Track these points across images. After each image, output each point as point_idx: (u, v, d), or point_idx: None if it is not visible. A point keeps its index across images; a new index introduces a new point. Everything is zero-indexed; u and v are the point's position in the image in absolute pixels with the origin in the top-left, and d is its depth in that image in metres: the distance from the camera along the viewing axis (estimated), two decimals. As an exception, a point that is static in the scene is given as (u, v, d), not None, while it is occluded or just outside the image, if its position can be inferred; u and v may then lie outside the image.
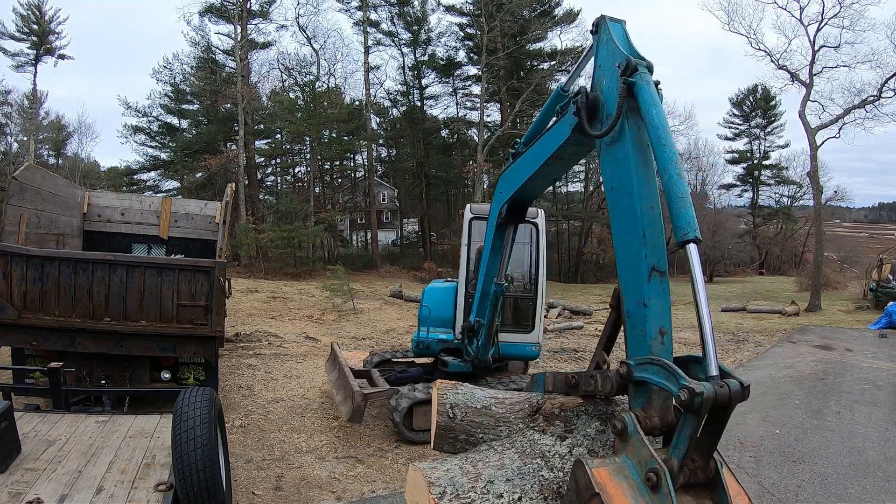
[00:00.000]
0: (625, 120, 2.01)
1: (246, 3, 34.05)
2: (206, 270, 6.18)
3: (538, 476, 1.76)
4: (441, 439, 2.29)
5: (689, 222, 1.82)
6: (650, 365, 1.78)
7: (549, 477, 1.77)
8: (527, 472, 1.78)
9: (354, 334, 13.63)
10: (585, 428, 1.99)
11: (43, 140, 38.84)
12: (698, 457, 1.64)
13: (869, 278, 22.70)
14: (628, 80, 1.97)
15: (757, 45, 24.12)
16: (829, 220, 49.44)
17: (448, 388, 2.36)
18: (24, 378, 6.07)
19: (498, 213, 4.18)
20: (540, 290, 7.20)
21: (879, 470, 5.84)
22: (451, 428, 2.26)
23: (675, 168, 1.85)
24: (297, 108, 32.73)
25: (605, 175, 2.20)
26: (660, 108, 1.91)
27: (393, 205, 49.60)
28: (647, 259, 1.96)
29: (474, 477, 1.73)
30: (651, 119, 1.89)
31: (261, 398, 7.77)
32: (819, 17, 21.99)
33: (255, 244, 29.32)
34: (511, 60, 35.94)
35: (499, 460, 1.84)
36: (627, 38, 2.16)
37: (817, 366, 10.84)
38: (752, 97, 51.59)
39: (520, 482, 1.73)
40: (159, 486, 3.29)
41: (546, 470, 1.78)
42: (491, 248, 4.60)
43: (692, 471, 1.63)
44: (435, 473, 1.72)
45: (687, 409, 1.56)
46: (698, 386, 1.55)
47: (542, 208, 7.60)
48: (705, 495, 1.64)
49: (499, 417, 2.22)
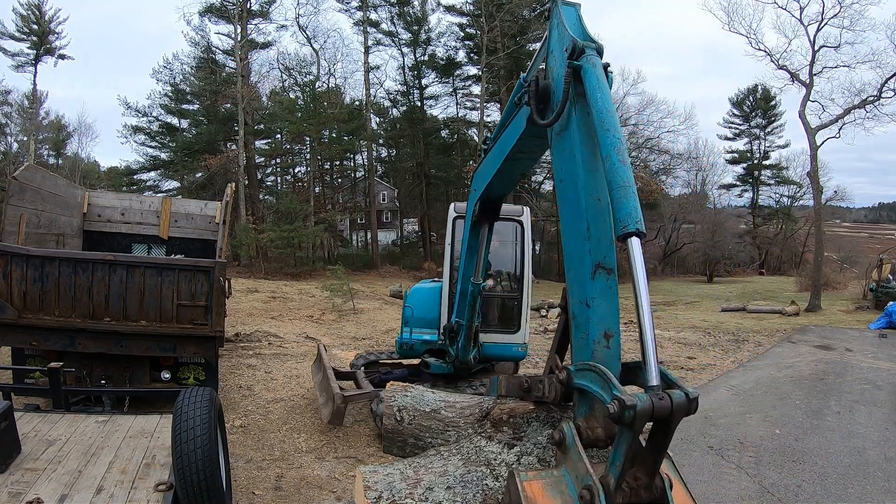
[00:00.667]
0: (572, 106, 1.91)
1: (246, 3, 34.06)
2: (206, 270, 6.18)
3: (482, 485, 1.65)
4: (390, 442, 2.22)
5: (630, 213, 1.63)
6: (588, 371, 1.64)
7: (494, 486, 1.65)
8: (470, 480, 1.66)
9: (354, 334, 13.64)
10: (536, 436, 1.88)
11: (43, 140, 38.85)
12: (641, 474, 1.49)
13: (869, 278, 22.68)
14: (574, 64, 1.87)
15: (757, 45, 24.11)
16: (829, 220, 49.44)
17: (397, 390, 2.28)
18: (24, 378, 6.06)
19: (472, 211, 4.16)
20: (525, 290, 7.18)
21: (879, 470, 5.84)
22: (399, 431, 2.18)
23: (617, 154, 1.68)
24: (297, 108, 32.75)
25: (555, 166, 2.08)
26: (605, 91, 1.80)
27: (393, 205, 49.60)
28: (590, 255, 1.80)
29: (414, 483, 1.63)
30: (595, 102, 1.78)
31: (261, 398, 7.76)
32: (819, 17, 22.00)
33: (255, 244, 29.34)
34: (511, 60, 35.93)
35: (442, 466, 1.74)
36: (580, 22, 2.07)
37: (817, 366, 10.84)
38: (752, 97, 51.60)
39: (461, 490, 1.62)
40: (159, 486, 3.29)
41: (490, 479, 1.67)
42: (467, 247, 4.59)
43: (633, 489, 1.48)
44: (374, 477, 1.62)
45: (619, 423, 1.42)
46: (631, 398, 1.40)
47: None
48: None
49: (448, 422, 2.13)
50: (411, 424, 2.18)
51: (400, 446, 2.18)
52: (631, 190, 1.65)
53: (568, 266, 1.96)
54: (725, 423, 7.27)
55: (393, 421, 2.21)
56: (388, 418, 2.22)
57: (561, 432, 1.61)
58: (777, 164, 52.38)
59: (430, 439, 2.12)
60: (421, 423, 2.17)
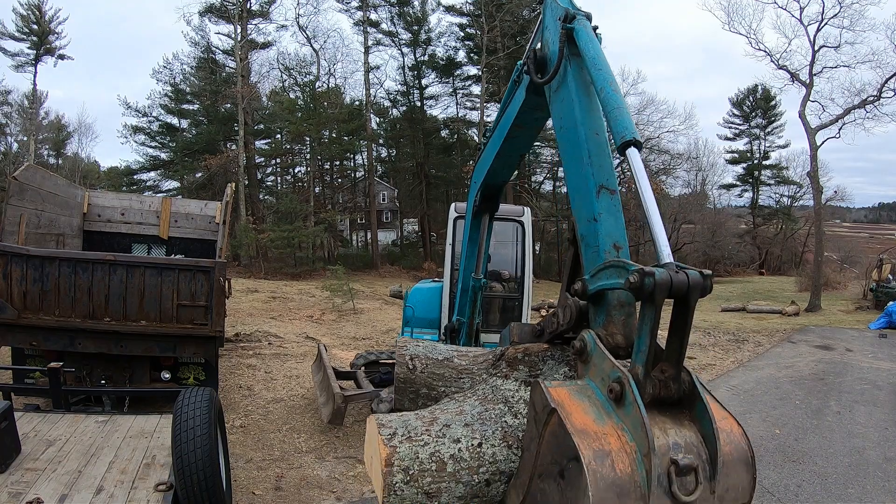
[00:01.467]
0: (567, 63, 2.12)
1: (246, 3, 34.07)
2: (206, 270, 6.18)
3: (501, 422, 1.59)
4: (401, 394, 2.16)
5: (626, 125, 1.77)
6: (604, 269, 1.63)
7: (513, 424, 1.60)
8: (488, 417, 1.61)
9: (354, 334, 13.64)
10: (552, 373, 1.83)
11: (43, 140, 38.85)
12: (667, 366, 1.44)
13: (869, 278, 22.69)
14: (566, 27, 2.09)
15: (757, 45, 24.18)
16: (829, 220, 49.42)
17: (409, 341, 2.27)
18: (24, 378, 6.07)
19: (473, 203, 4.21)
20: (526, 290, 7.19)
21: (879, 470, 5.84)
22: (412, 381, 2.13)
23: (610, 86, 1.86)
24: (297, 108, 32.77)
25: (554, 120, 2.25)
26: (595, 43, 2.01)
27: (393, 205, 49.59)
28: (593, 178, 1.91)
29: (430, 421, 1.56)
30: (587, 52, 1.98)
31: (261, 398, 7.76)
32: (819, 17, 22.00)
33: (255, 244, 29.35)
34: (511, 60, 35.89)
35: (458, 407, 1.68)
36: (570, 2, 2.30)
37: (817, 366, 10.84)
38: (752, 97, 51.56)
39: (480, 427, 1.57)
40: (159, 486, 3.29)
41: (510, 416, 1.61)
42: (468, 240, 4.62)
43: (662, 382, 1.41)
44: (387, 418, 1.57)
45: (639, 295, 1.38)
46: (650, 268, 1.38)
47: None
48: (683, 415, 1.40)
49: (461, 369, 2.09)
50: (423, 373, 2.13)
51: (412, 398, 2.13)
52: (625, 110, 1.81)
53: (573, 197, 2.03)
54: (725, 423, 7.27)
55: (405, 369, 2.14)
56: (400, 367, 2.15)
57: (582, 340, 1.57)
58: (777, 164, 52.38)
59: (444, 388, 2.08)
60: (433, 372, 2.12)
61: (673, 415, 1.40)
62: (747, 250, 49.42)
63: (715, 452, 1.30)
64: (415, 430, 1.52)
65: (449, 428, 1.55)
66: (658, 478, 1.25)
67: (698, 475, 1.29)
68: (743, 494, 1.36)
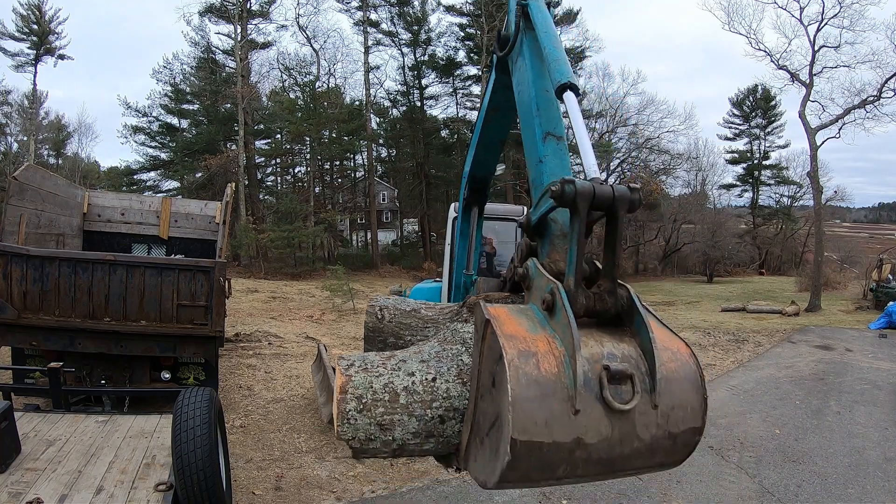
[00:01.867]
0: (522, 35, 2.31)
1: (246, 3, 34.08)
2: (206, 270, 6.18)
3: (457, 360, 1.59)
4: (370, 343, 2.22)
5: (563, 72, 1.83)
6: (542, 197, 1.64)
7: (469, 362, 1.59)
8: (445, 356, 1.61)
9: (354, 334, 13.63)
10: None
11: (43, 140, 38.87)
12: (604, 281, 1.45)
13: (869, 278, 22.69)
14: (522, 3, 2.28)
15: (757, 45, 24.15)
16: (829, 220, 49.43)
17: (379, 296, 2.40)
18: (24, 378, 6.07)
19: (463, 196, 4.25)
20: None
21: (879, 470, 5.84)
22: (380, 329, 2.20)
23: (552, 44, 2.00)
24: (297, 108, 32.79)
25: (514, 89, 2.39)
26: (546, 15, 2.19)
27: (393, 205, 49.60)
28: (540, 126, 2.03)
29: (388, 357, 1.59)
30: (537, 22, 2.15)
31: (261, 398, 7.76)
32: (819, 17, 22.00)
33: (255, 244, 29.37)
34: (511, 60, 35.93)
35: (417, 348, 1.71)
36: None
37: (817, 366, 10.84)
38: (752, 97, 51.56)
39: (436, 364, 1.57)
40: (159, 486, 3.29)
41: (466, 355, 1.60)
42: (460, 233, 4.64)
43: (597, 295, 1.41)
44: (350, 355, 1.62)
45: (561, 201, 1.38)
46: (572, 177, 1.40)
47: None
48: (624, 332, 1.39)
49: (427, 319, 2.16)
50: (391, 322, 2.20)
51: (380, 347, 2.19)
52: (564, 61, 1.91)
53: (526, 148, 2.14)
54: (725, 423, 7.28)
55: (374, 319, 2.22)
56: (370, 316, 2.22)
57: (525, 268, 1.58)
58: (777, 164, 52.37)
59: (410, 337, 2.14)
60: (401, 322, 2.19)
61: (613, 331, 1.40)
62: (747, 250, 49.40)
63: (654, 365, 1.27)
64: (372, 363, 1.54)
65: (405, 363, 1.57)
66: (587, 382, 1.22)
67: (635, 385, 1.25)
68: (693, 416, 1.31)
